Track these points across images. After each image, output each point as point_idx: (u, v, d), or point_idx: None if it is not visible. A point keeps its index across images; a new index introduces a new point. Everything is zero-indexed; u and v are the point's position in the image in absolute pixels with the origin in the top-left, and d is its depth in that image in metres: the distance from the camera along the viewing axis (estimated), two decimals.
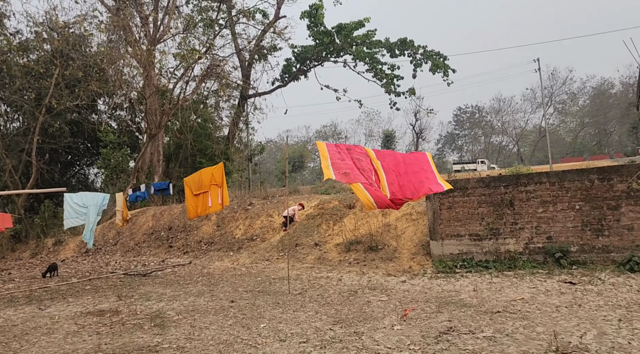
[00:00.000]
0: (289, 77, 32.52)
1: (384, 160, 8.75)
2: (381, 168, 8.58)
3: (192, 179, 11.62)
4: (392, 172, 8.56)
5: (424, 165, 8.64)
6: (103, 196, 14.28)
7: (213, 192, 10.87)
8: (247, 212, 18.25)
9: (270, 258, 14.62)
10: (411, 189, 8.26)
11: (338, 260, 13.43)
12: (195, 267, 14.90)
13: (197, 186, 11.30)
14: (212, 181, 10.89)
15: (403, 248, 12.92)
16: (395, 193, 8.32)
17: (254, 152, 39.35)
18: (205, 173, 11.28)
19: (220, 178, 10.83)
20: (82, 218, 13.48)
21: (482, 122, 73.05)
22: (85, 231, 14.10)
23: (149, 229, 20.26)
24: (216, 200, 10.81)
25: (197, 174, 11.66)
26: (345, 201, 16.33)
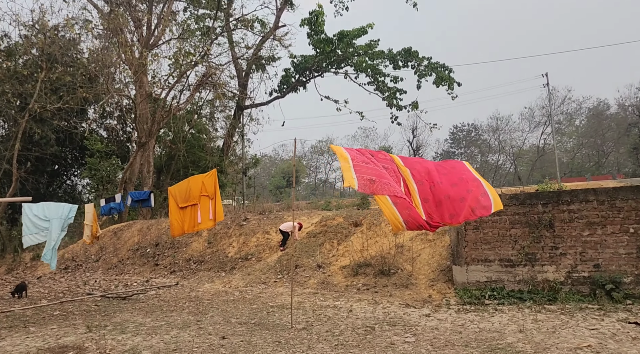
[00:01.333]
0: (288, 88, 30.99)
1: (413, 168, 7.08)
2: (411, 178, 6.91)
3: (179, 189, 9.82)
4: (425, 182, 6.88)
5: (464, 174, 6.97)
6: (69, 207, 12.25)
7: (203, 205, 9.12)
8: (241, 228, 16.51)
9: (267, 281, 12.85)
10: (450, 210, 6.57)
11: (345, 284, 11.69)
12: (182, 289, 13.09)
13: (184, 198, 9.51)
14: (202, 191, 9.13)
15: (419, 273, 11.22)
16: (431, 214, 6.64)
17: (249, 165, 37.67)
18: (195, 181, 9.49)
19: (212, 188, 9.07)
20: (44, 233, 11.38)
21: (478, 141, 71.87)
22: (45, 249, 11.92)
23: (135, 245, 18.43)
24: (207, 214, 9.07)
25: (185, 182, 9.85)
26: (350, 219, 14.63)
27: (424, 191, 6.76)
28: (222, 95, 30.95)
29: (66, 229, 11.95)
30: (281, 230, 14.63)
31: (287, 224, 14.75)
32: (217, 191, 9.15)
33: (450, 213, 6.54)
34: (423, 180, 6.90)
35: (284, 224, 14.83)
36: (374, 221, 13.69)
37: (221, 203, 9.17)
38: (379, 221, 13.58)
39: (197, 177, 9.73)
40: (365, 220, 14.08)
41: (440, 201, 6.65)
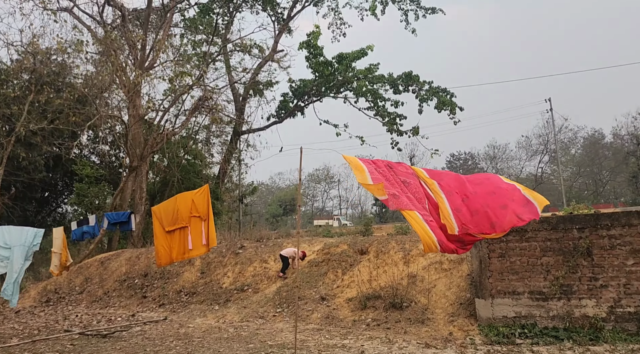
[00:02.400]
0: (286, 113, 30.05)
1: (441, 179, 5.91)
2: (439, 190, 5.73)
3: (164, 209, 8.53)
4: (456, 194, 5.69)
5: (501, 184, 5.79)
6: (34, 232, 10.69)
7: (194, 228, 7.87)
8: (237, 257, 15.19)
9: (265, 315, 11.49)
10: (490, 219, 5.38)
11: (352, 319, 10.36)
12: (170, 325, 11.70)
13: (171, 220, 8.22)
14: (192, 211, 7.88)
15: (436, 306, 9.93)
16: (466, 225, 5.44)
17: (246, 192, 36.44)
18: (183, 200, 8.20)
19: (204, 207, 7.82)
20: (3, 264, 9.77)
21: (475, 169, 71.07)
22: (5, 283, 10.30)
23: (122, 275, 17.02)
24: (199, 239, 7.83)
25: (171, 201, 8.54)
26: (355, 246, 13.36)
27: (455, 202, 5.58)
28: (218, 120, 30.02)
29: (31, 258, 10.38)
30: (282, 255, 13.37)
31: (289, 250, 13.51)
32: (210, 212, 7.90)
33: (491, 222, 5.34)
34: (453, 191, 5.73)
35: (286, 250, 13.58)
36: (382, 249, 12.44)
37: (214, 226, 7.90)
38: (387, 249, 12.32)
39: (185, 194, 8.44)
40: (372, 248, 12.82)
41: (476, 210, 5.47)
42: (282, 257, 13.33)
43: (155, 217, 8.68)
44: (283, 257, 13.31)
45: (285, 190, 68.46)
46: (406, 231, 13.23)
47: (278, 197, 64.12)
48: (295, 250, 13.50)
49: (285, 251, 13.42)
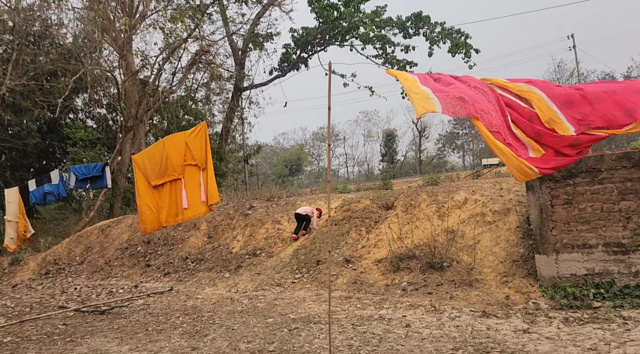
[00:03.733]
0: (288, 66, 28.02)
1: (529, 81, 4.19)
2: (532, 88, 4.02)
3: (150, 157, 6.73)
4: (556, 88, 4.00)
5: (617, 83, 4.07)
6: None
7: (190, 181, 6.15)
8: (246, 218, 13.66)
9: (283, 282, 10.02)
10: (623, 105, 3.66)
11: (384, 283, 8.86)
12: (177, 297, 10.28)
13: (158, 171, 6.47)
14: (187, 159, 6.13)
15: (483, 265, 8.38)
16: (585, 119, 3.69)
17: (251, 153, 34.76)
18: (174, 144, 6.37)
19: (201, 152, 6.05)
20: None
21: None
22: None
23: (124, 243, 15.59)
24: (196, 195, 6.14)
25: (158, 146, 6.78)
26: (379, 201, 11.77)
27: (561, 97, 3.87)
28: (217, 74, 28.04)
29: None
30: (298, 214, 11.82)
31: (305, 208, 11.97)
32: (209, 158, 6.14)
33: (624, 108, 3.65)
34: (551, 86, 4.04)
35: (302, 208, 12.03)
36: (411, 202, 10.83)
37: (214, 177, 6.18)
38: (417, 202, 10.71)
39: (176, 136, 6.58)
40: (399, 202, 11.22)
41: (598, 98, 3.76)
42: (299, 217, 11.80)
43: (138, 168, 6.93)
44: (300, 216, 11.78)
45: (290, 150, 66.75)
46: (436, 181, 11.59)
47: (283, 158, 62.42)
48: (312, 209, 11.96)
49: (302, 210, 11.86)
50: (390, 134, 57.95)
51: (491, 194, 9.93)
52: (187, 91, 28.67)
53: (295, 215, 11.99)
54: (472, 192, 10.23)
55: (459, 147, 70.36)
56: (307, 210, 11.87)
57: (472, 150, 70.06)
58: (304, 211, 11.77)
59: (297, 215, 11.89)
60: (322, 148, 70.97)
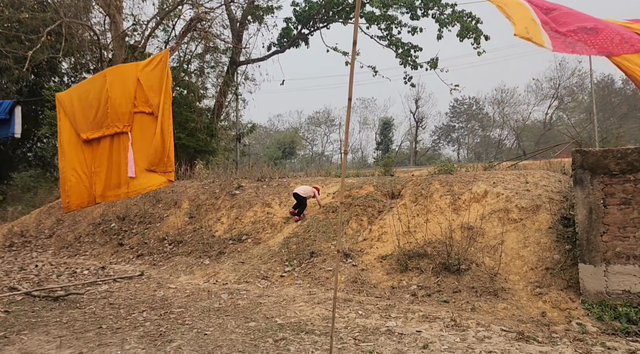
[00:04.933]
0: (288, 42, 26.33)
1: None
2: None
3: (80, 95, 4.91)
4: None
5: None
6: None
7: (141, 135, 4.44)
8: (233, 199, 12.17)
9: (270, 275, 8.58)
10: None
11: (389, 285, 7.45)
12: (146, 284, 8.80)
13: (92, 118, 4.65)
14: (137, 103, 4.39)
15: (509, 271, 6.99)
16: None
17: (244, 132, 33.06)
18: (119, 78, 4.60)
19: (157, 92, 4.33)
20: None
21: (479, 115, 67.57)
22: None
23: (98, 217, 14.04)
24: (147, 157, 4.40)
25: (95, 82, 4.92)
26: (384, 188, 10.32)
27: None
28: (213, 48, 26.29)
29: None
30: (297, 194, 10.38)
31: (305, 188, 10.54)
32: (168, 103, 4.46)
33: None
34: None
35: (301, 187, 10.59)
36: (421, 192, 9.39)
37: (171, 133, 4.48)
38: (428, 192, 9.27)
39: (123, 67, 4.77)
40: (407, 190, 9.78)
41: None
42: (298, 197, 10.36)
43: (63, 111, 5.06)
44: (299, 197, 10.34)
45: (284, 133, 64.99)
46: (451, 169, 10.16)
47: (277, 140, 60.70)
48: (314, 189, 10.52)
49: (301, 190, 10.42)
50: (387, 122, 56.42)
51: (515, 188, 8.51)
52: (179, 62, 26.93)
53: (294, 194, 10.53)
54: (493, 184, 8.81)
55: (454, 140, 69.04)
56: (307, 190, 10.45)
57: (467, 144, 68.83)
58: (304, 193, 10.34)
59: (295, 194, 10.44)
60: (316, 132, 69.34)
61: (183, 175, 15.79)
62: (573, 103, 65.26)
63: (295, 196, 10.42)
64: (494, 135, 66.66)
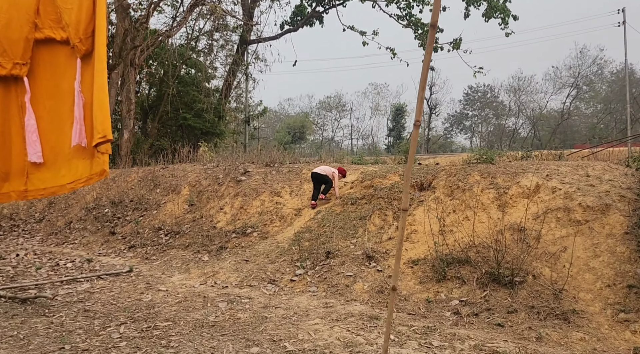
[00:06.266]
0: (302, 20, 24.71)
1: None
2: None
3: None
4: None
5: None
6: None
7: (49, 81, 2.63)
8: (238, 186, 10.75)
9: (278, 278, 7.17)
10: None
11: (424, 298, 6.01)
12: (134, 284, 7.44)
13: None
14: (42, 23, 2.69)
15: (578, 287, 5.51)
16: None
17: (254, 114, 31.58)
18: None
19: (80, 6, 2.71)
20: None
21: (494, 103, 65.50)
22: None
23: (91, 202, 12.71)
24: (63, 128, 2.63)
25: None
26: (412, 177, 8.85)
27: None
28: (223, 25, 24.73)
29: None
30: (316, 174, 9.00)
31: (325, 168, 9.19)
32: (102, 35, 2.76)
33: None
34: None
35: (321, 167, 9.23)
36: (458, 184, 7.90)
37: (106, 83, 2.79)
38: (467, 184, 7.77)
39: None
40: (439, 182, 8.29)
41: None
42: (317, 177, 8.99)
43: None
44: (319, 177, 8.97)
45: (295, 117, 63.42)
46: (492, 158, 8.64)
47: (287, 124, 59.17)
48: (334, 170, 9.14)
49: (321, 169, 9.04)
50: (399, 108, 54.66)
51: (575, 182, 7.00)
52: (187, 39, 25.46)
53: (312, 175, 9.13)
54: (546, 177, 7.30)
55: (467, 128, 67.16)
56: (326, 170, 9.09)
57: (481, 132, 66.93)
58: (324, 171, 8.95)
59: (314, 175, 9.03)
60: (327, 117, 67.68)
61: (186, 158, 14.39)
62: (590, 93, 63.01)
63: (314, 177, 9.05)
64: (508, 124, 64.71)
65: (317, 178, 9.03)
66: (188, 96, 23.60)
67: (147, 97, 25.20)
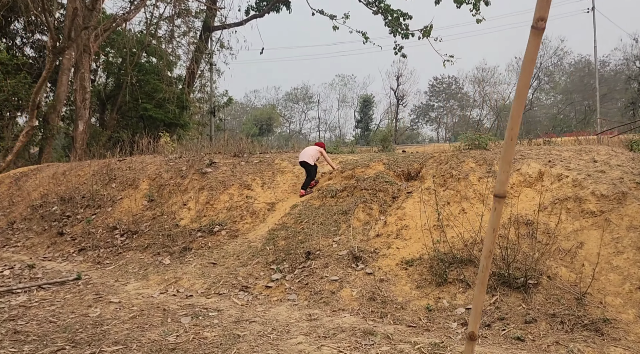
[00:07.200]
0: (268, 5, 23.52)
1: None
2: None
3: None
4: None
5: None
6: None
7: None
8: (204, 178, 9.62)
9: (252, 284, 6.14)
10: None
11: (423, 305, 5.10)
12: (80, 295, 6.27)
13: None
14: None
15: (603, 289, 4.71)
16: None
17: (220, 105, 30.19)
18: None
19: None
20: None
21: (458, 94, 65.71)
22: None
23: (38, 199, 11.31)
24: None
25: None
26: (397, 166, 7.93)
27: None
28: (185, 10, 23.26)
29: None
30: (306, 162, 8.14)
31: (310, 150, 8.26)
32: None
33: None
34: None
35: (306, 152, 8.32)
36: (450, 172, 7.02)
37: None
38: (460, 173, 6.90)
39: None
40: (428, 170, 7.40)
41: None
42: (305, 165, 8.04)
43: None
44: (307, 165, 8.03)
45: (261, 110, 61.91)
46: (485, 143, 7.79)
47: (254, 116, 57.66)
48: (319, 148, 8.23)
49: (307, 156, 8.10)
50: (367, 100, 53.93)
51: (583, 168, 6.22)
52: (146, 25, 23.85)
53: (301, 163, 8.18)
54: (549, 163, 6.51)
55: (433, 120, 67.22)
56: (313, 153, 8.24)
57: (446, 123, 67.14)
58: (311, 159, 8.04)
59: (303, 163, 8.09)
60: (294, 109, 66.41)
61: (145, 149, 13.10)
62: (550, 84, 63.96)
63: (303, 165, 8.13)
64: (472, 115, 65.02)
65: (306, 166, 8.16)
66: (149, 85, 22.09)
67: (104, 86, 23.52)
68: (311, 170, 8.22)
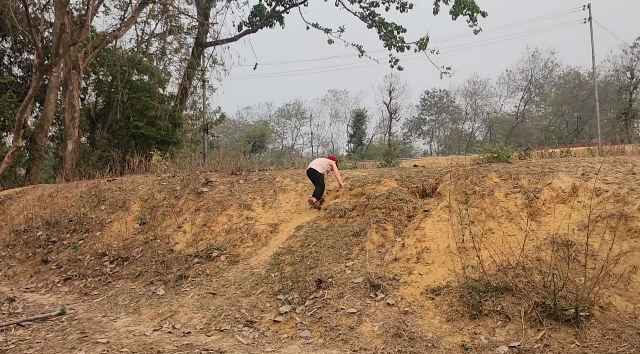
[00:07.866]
0: (261, 20, 23.05)
1: None
2: None
3: None
4: None
5: None
6: None
7: None
8: (200, 198, 8.89)
9: (257, 318, 5.40)
10: None
11: (457, 343, 4.38)
12: (64, 332, 5.49)
13: None
14: None
15: None
16: None
17: (212, 121, 29.54)
18: None
19: None
20: None
21: (450, 107, 65.59)
22: None
23: (23, 223, 10.52)
24: None
25: None
26: (410, 182, 7.27)
27: None
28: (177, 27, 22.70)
29: None
30: (314, 170, 7.64)
31: (321, 160, 7.78)
32: None
33: None
34: None
35: (316, 162, 7.97)
36: (473, 188, 6.36)
37: None
38: (485, 188, 6.25)
39: None
40: (445, 186, 6.74)
41: None
42: (314, 175, 7.44)
43: None
44: (316, 175, 7.41)
45: (254, 126, 61.30)
46: (507, 156, 7.13)
47: (246, 133, 57.03)
48: (331, 162, 7.64)
49: (317, 165, 7.52)
50: (359, 114, 53.54)
51: (623, 181, 5.60)
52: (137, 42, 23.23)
53: (308, 173, 7.67)
54: (583, 176, 5.88)
55: (425, 133, 66.98)
56: (322, 163, 7.88)
57: (438, 137, 66.90)
58: (320, 168, 7.47)
59: (310, 172, 7.61)
60: (287, 125, 65.86)
61: (137, 168, 12.36)
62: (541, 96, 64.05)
63: (311, 175, 7.51)
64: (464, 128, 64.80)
65: (314, 176, 7.59)
66: (140, 103, 21.40)
67: (94, 105, 22.79)
68: (320, 178, 7.62)
